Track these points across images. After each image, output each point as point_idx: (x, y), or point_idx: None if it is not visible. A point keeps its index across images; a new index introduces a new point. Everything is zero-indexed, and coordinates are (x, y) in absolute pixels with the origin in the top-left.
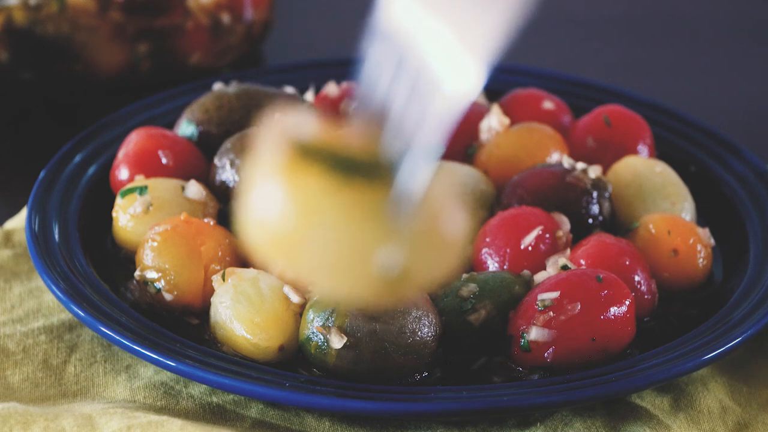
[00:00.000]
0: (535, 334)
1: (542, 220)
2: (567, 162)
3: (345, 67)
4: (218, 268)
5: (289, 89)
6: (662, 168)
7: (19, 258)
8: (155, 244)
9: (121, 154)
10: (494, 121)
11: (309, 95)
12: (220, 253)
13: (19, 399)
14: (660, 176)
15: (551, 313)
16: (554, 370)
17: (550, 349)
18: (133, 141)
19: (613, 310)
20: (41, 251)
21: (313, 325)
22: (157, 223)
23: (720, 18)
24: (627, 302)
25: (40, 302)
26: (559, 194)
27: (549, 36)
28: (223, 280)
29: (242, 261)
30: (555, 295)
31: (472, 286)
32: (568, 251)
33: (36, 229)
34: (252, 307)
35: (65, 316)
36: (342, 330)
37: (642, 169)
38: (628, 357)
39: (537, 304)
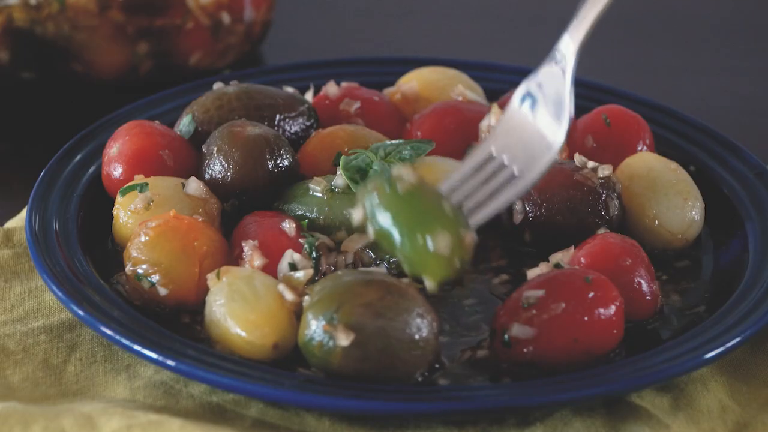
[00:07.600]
0: (516, 330)
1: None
2: (578, 160)
3: (344, 67)
4: (211, 263)
5: (289, 89)
6: (676, 165)
7: (20, 258)
8: (148, 238)
9: (115, 151)
10: (494, 121)
11: (309, 95)
12: (212, 250)
13: (19, 398)
14: (674, 173)
15: (534, 311)
16: (535, 366)
17: (530, 346)
18: (130, 139)
19: (598, 312)
20: (41, 251)
21: (316, 324)
22: (149, 219)
23: (719, 18)
24: (614, 305)
25: (40, 302)
26: (567, 192)
27: (548, 36)
28: (218, 278)
29: (232, 259)
30: (540, 293)
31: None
32: (571, 250)
33: (36, 228)
34: (247, 305)
35: (65, 315)
36: (349, 327)
37: (656, 165)
38: (628, 357)
39: (522, 301)
